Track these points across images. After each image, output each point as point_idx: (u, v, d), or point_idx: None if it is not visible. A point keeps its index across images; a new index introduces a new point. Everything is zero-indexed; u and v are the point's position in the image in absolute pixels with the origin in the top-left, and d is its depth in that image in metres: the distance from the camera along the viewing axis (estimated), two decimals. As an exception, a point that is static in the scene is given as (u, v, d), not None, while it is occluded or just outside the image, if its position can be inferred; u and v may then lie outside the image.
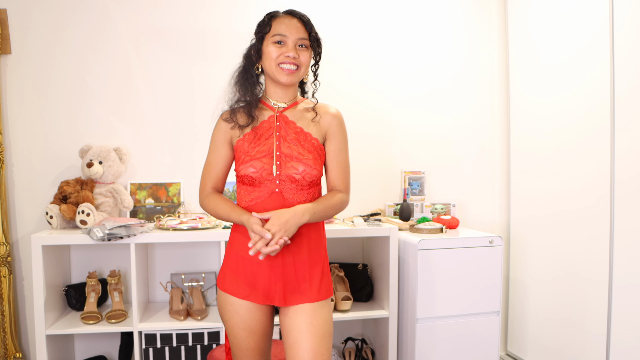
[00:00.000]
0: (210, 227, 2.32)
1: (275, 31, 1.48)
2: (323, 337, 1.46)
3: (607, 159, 2.16)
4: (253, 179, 1.47)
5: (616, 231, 2.12)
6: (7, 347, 2.39)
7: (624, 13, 2.07)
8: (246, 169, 1.47)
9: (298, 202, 1.47)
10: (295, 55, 1.47)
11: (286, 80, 1.48)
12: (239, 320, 1.49)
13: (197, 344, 2.30)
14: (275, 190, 1.47)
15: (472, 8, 2.88)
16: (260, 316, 1.50)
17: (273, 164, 1.46)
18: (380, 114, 2.78)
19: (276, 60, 1.47)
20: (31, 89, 2.46)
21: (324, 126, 1.54)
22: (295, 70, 1.48)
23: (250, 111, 1.52)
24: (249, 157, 1.48)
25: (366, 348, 2.59)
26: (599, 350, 2.19)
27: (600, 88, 2.19)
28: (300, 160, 1.47)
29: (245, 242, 1.45)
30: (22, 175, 2.46)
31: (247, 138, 1.51)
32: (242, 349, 1.51)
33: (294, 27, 1.48)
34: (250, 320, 1.49)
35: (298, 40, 1.48)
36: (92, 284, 2.37)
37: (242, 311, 1.49)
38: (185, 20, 2.58)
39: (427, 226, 2.42)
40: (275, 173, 1.46)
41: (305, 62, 1.50)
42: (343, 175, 1.54)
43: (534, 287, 2.64)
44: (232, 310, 1.49)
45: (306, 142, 1.50)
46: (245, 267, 1.49)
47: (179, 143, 2.60)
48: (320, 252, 1.53)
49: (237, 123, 1.52)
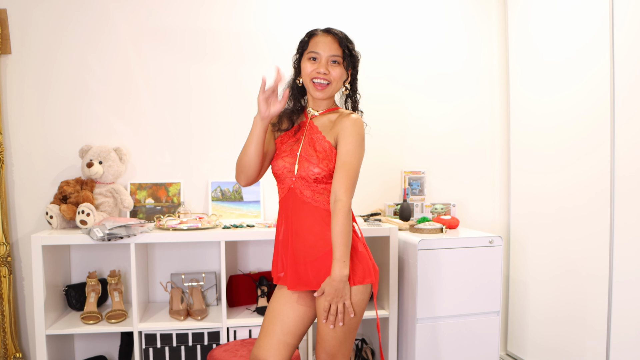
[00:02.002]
0: (210, 227, 2.32)
1: (310, 48, 1.61)
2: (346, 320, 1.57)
3: (607, 156, 2.16)
4: (278, 175, 1.65)
5: (616, 228, 2.12)
6: (7, 347, 2.39)
7: (624, 12, 2.07)
8: (273, 166, 1.66)
9: (307, 198, 1.60)
10: (326, 71, 1.58)
11: (318, 95, 1.61)
12: (280, 295, 1.66)
13: (197, 344, 2.30)
14: (291, 186, 1.62)
15: (472, 7, 2.88)
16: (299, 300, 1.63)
17: (293, 163, 1.60)
18: (381, 114, 2.78)
19: (309, 75, 1.59)
20: (31, 89, 2.46)
21: (336, 130, 1.61)
22: (327, 85, 1.59)
23: (292, 117, 1.69)
24: (277, 156, 1.66)
25: (366, 348, 2.59)
26: (599, 347, 2.20)
27: (600, 86, 2.19)
28: (309, 160, 1.59)
29: (277, 234, 1.67)
30: (22, 175, 2.46)
31: (282, 139, 1.68)
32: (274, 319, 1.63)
33: (327, 45, 1.58)
34: (274, 302, 1.65)
35: (330, 57, 1.58)
36: (92, 284, 2.37)
37: (276, 294, 1.67)
38: (185, 20, 2.58)
39: (427, 226, 2.42)
40: (295, 171, 1.60)
41: (336, 77, 1.60)
42: (344, 178, 1.56)
43: (534, 286, 2.64)
44: (278, 292, 1.68)
45: (319, 144, 1.60)
46: (276, 255, 1.69)
47: (178, 143, 2.60)
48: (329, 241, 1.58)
49: (279, 127, 1.69)
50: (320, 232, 1.59)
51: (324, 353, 1.58)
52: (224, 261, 2.25)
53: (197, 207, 2.62)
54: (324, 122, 1.64)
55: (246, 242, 2.62)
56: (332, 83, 1.59)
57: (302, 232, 1.60)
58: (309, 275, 1.59)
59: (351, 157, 1.56)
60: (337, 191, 1.54)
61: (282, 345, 1.59)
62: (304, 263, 1.59)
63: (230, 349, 2.03)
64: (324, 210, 1.60)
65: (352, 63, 1.63)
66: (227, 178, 2.60)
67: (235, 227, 2.37)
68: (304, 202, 1.60)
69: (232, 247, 2.60)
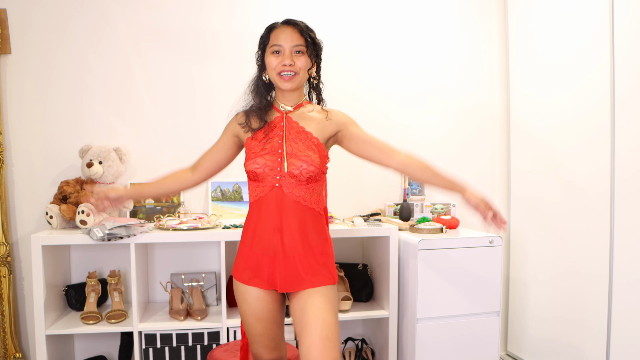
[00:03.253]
0: (210, 227, 2.32)
1: (272, 42, 1.58)
2: (335, 316, 1.53)
3: (607, 156, 2.16)
4: (257, 174, 1.57)
5: (616, 229, 2.12)
6: (7, 347, 2.39)
7: (624, 12, 2.07)
8: (250, 165, 1.57)
9: (296, 197, 1.55)
10: (292, 62, 1.55)
11: (287, 86, 1.58)
12: (247, 308, 1.60)
13: (197, 344, 2.30)
14: (275, 185, 1.56)
15: (472, 7, 2.88)
16: (267, 304, 1.59)
17: (276, 161, 1.55)
18: (381, 114, 2.78)
19: (275, 69, 1.57)
20: (31, 89, 2.46)
21: (334, 127, 1.63)
22: (294, 76, 1.57)
23: (262, 115, 1.63)
24: (254, 154, 1.58)
25: (366, 348, 2.58)
26: (600, 348, 2.20)
27: (600, 86, 2.19)
28: (299, 157, 1.55)
29: (252, 235, 1.59)
30: (22, 175, 2.46)
31: (255, 137, 1.61)
32: (251, 334, 1.62)
33: (289, 35, 1.56)
34: (257, 307, 1.58)
35: (294, 47, 1.56)
36: (92, 284, 2.37)
37: (250, 299, 1.59)
38: (185, 20, 2.58)
39: (427, 226, 2.42)
40: (280, 169, 1.54)
41: (302, 67, 1.58)
42: (379, 142, 1.65)
43: (534, 286, 2.64)
44: (242, 298, 1.61)
45: (307, 140, 1.58)
46: (252, 258, 1.59)
47: (179, 143, 2.60)
48: (323, 242, 1.60)
49: (250, 126, 1.62)
50: (316, 230, 1.58)
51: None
52: (224, 261, 2.26)
53: (197, 207, 2.61)
54: (302, 117, 1.62)
55: (246, 242, 2.62)
56: (298, 73, 1.57)
57: (295, 231, 1.55)
58: (303, 274, 1.54)
59: (369, 134, 1.66)
60: (393, 150, 1.64)
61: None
62: (300, 262, 1.55)
63: (230, 349, 2.04)
64: (315, 211, 1.58)
65: (315, 51, 1.61)
66: (227, 178, 2.60)
67: (235, 227, 2.37)
68: (293, 200, 1.55)
69: (232, 247, 2.59)
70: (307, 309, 1.52)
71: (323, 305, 1.51)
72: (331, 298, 1.55)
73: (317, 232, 1.59)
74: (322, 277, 1.55)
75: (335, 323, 1.52)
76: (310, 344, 1.47)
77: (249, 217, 1.62)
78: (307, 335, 1.48)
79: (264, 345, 1.62)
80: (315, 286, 1.54)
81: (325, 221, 1.65)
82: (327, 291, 1.55)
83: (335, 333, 1.50)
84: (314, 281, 1.54)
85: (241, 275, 1.60)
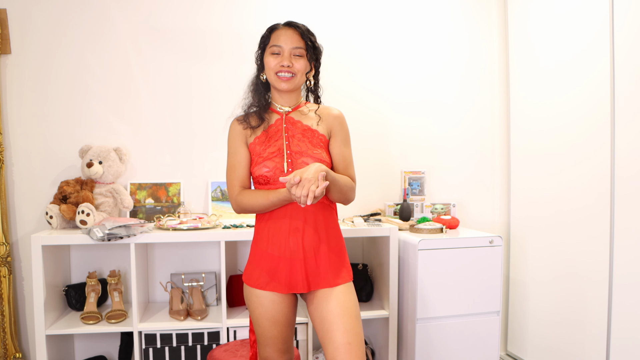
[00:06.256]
0: (210, 227, 2.32)
1: (272, 42, 1.58)
2: (357, 318, 1.53)
3: (607, 158, 2.16)
4: (268, 177, 1.55)
5: (616, 231, 2.12)
6: (7, 347, 2.39)
7: (624, 14, 2.07)
8: (260, 169, 1.56)
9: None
10: (290, 63, 1.56)
11: (283, 86, 1.58)
12: (263, 311, 1.58)
13: (197, 344, 2.30)
14: None
15: (472, 11, 2.88)
16: (283, 307, 1.58)
17: (284, 162, 1.55)
18: (381, 114, 2.78)
19: (273, 69, 1.57)
20: (31, 89, 2.46)
21: (328, 126, 1.63)
22: (291, 77, 1.58)
23: (261, 114, 1.62)
24: (261, 158, 1.57)
25: (366, 348, 2.58)
26: (599, 349, 2.19)
27: (600, 89, 2.19)
28: (309, 155, 1.55)
29: (267, 237, 1.57)
30: (22, 175, 2.46)
31: (258, 141, 1.60)
32: (266, 337, 1.60)
33: (289, 37, 1.57)
34: (273, 311, 1.57)
35: (293, 49, 1.57)
36: (92, 284, 2.37)
37: (266, 303, 1.57)
38: (185, 20, 2.58)
39: (427, 226, 2.42)
40: (287, 170, 1.54)
41: (300, 69, 1.58)
42: (349, 168, 1.63)
43: (534, 287, 2.64)
44: (257, 301, 1.58)
45: (314, 138, 1.59)
46: (267, 260, 1.57)
47: (178, 143, 2.60)
48: (337, 239, 1.61)
49: (249, 125, 1.62)
50: (332, 227, 1.59)
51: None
52: (224, 261, 2.25)
53: (197, 207, 2.62)
54: (304, 116, 1.62)
55: (246, 242, 2.62)
56: (296, 75, 1.57)
57: (313, 230, 1.54)
58: (325, 272, 1.55)
59: (348, 150, 1.65)
60: (351, 178, 1.62)
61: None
62: (320, 261, 1.55)
63: (230, 349, 2.04)
64: (329, 206, 1.60)
65: (315, 55, 1.62)
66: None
67: (235, 227, 2.37)
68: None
69: (232, 247, 2.60)
70: (328, 313, 1.51)
71: (344, 308, 1.51)
72: (352, 295, 1.56)
73: (333, 229, 1.60)
74: (341, 275, 1.57)
75: (357, 325, 1.51)
76: (335, 350, 1.48)
77: (261, 221, 1.60)
78: (329, 342, 1.49)
79: (277, 349, 1.61)
80: (337, 284, 1.55)
81: (337, 215, 1.67)
82: (347, 289, 1.56)
83: (358, 337, 1.50)
84: (334, 280, 1.56)
85: (256, 281, 1.58)
